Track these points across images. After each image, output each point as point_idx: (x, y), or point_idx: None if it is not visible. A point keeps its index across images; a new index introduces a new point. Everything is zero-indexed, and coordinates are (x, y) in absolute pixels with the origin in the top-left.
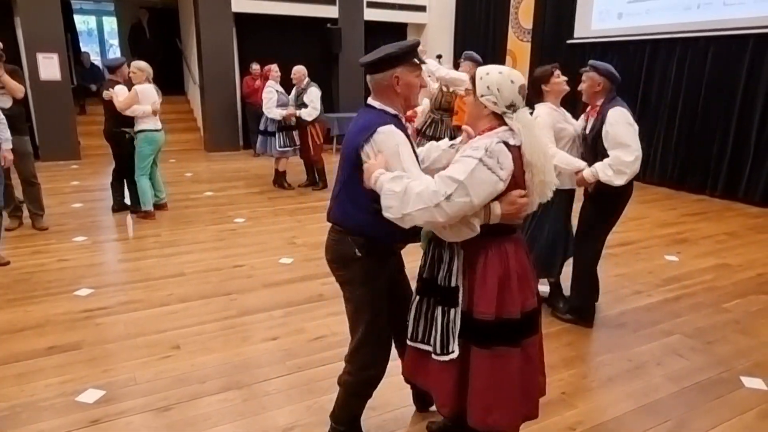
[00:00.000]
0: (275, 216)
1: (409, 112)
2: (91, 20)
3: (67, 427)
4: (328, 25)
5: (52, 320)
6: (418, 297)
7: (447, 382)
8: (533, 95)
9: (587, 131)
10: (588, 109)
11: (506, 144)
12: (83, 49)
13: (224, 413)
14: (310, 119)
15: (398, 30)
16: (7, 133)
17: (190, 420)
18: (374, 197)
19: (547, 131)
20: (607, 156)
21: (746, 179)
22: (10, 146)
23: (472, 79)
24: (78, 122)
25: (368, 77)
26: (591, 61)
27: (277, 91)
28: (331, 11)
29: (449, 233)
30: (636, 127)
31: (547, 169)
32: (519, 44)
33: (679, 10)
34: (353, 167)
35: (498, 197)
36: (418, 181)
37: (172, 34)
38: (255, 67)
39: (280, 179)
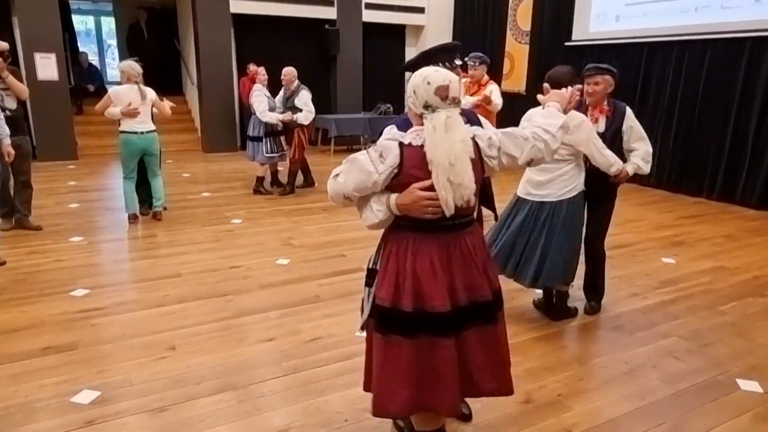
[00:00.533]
0: (272, 217)
1: None
2: (90, 20)
3: (62, 427)
4: (326, 26)
5: (47, 320)
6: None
7: (369, 355)
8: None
9: (604, 130)
10: (591, 110)
11: (402, 143)
12: (81, 49)
13: (220, 414)
14: (307, 123)
15: (396, 32)
16: (6, 129)
17: (185, 421)
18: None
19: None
20: (620, 151)
21: (743, 182)
22: (9, 141)
23: None
24: (75, 122)
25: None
26: (598, 65)
27: (265, 95)
28: (329, 12)
29: (362, 215)
30: None
31: (458, 171)
32: (517, 46)
33: (676, 13)
34: None
35: (401, 190)
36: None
37: (170, 34)
38: (252, 68)
39: (259, 185)
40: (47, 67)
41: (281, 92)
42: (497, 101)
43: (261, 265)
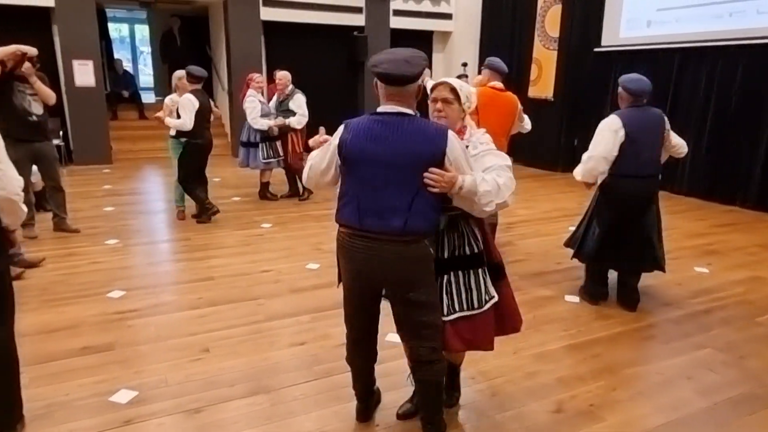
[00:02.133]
0: (301, 222)
1: None
2: (124, 28)
3: (101, 426)
4: (355, 32)
5: (85, 321)
6: (446, 276)
7: (490, 323)
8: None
9: None
10: None
11: None
12: (116, 56)
13: (252, 417)
14: (300, 127)
15: (424, 38)
16: None
17: (219, 423)
18: (444, 197)
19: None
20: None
21: None
22: None
23: (454, 91)
24: (110, 127)
25: (400, 88)
26: (621, 77)
27: (260, 101)
28: (358, 19)
29: (481, 209)
30: (621, 133)
31: None
32: (545, 52)
33: (710, 19)
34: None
35: None
36: (489, 175)
37: (202, 41)
38: (277, 74)
39: (264, 191)
40: (85, 73)
41: (275, 97)
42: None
43: (291, 269)
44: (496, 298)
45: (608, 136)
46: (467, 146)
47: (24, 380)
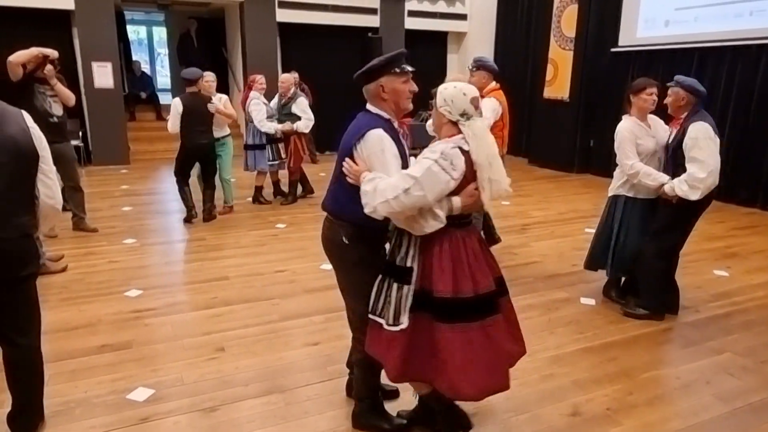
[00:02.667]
0: (316, 222)
1: None
2: (142, 30)
3: (119, 423)
4: (369, 34)
5: (103, 320)
6: (380, 276)
7: (395, 349)
8: (626, 102)
9: (670, 143)
10: (672, 121)
11: (461, 149)
12: (134, 58)
13: (267, 416)
14: (308, 131)
15: (439, 39)
16: None
17: (233, 422)
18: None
19: (628, 145)
20: (685, 168)
21: None
22: None
23: (434, 93)
24: (128, 128)
25: (363, 88)
26: (677, 77)
27: (263, 103)
28: (373, 20)
29: (419, 227)
30: (717, 141)
31: (494, 169)
32: (561, 53)
33: (729, 18)
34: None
35: (457, 192)
36: (385, 179)
37: (218, 43)
38: (294, 75)
39: (258, 195)
40: (103, 75)
41: (275, 99)
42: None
43: (305, 269)
44: (403, 326)
45: (712, 145)
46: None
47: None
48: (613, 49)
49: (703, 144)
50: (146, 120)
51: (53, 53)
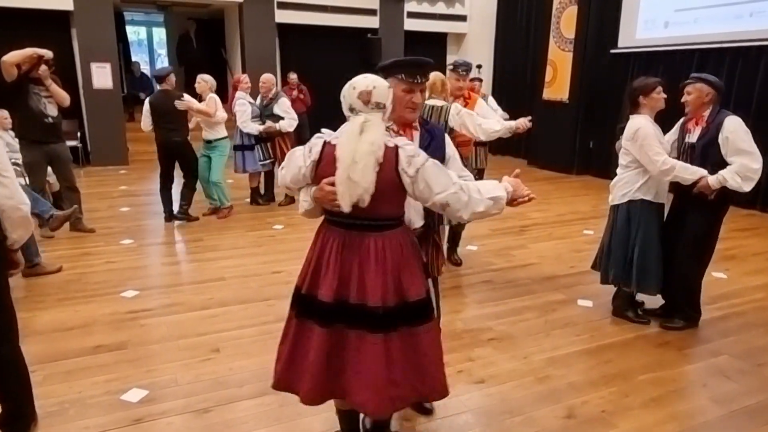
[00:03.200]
0: (313, 224)
1: None
2: (142, 31)
3: (112, 424)
4: (369, 35)
5: (99, 320)
6: None
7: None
8: (630, 105)
9: (696, 140)
10: (685, 120)
11: (326, 141)
12: (134, 58)
13: (261, 417)
14: (291, 130)
15: (438, 40)
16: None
17: (228, 423)
18: None
19: (653, 142)
20: (720, 164)
21: None
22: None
23: None
24: (127, 129)
25: None
26: (696, 74)
27: (249, 102)
28: (372, 21)
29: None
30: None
31: (358, 169)
32: (560, 54)
33: (729, 19)
34: None
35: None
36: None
37: (217, 44)
38: (292, 76)
39: (255, 196)
40: (102, 76)
41: (258, 100)
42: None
43: None
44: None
45: (750, 138)
46: None
47: (38, 378)
48: (612, 51)
49: (746, 137)
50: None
51: (48, 53)
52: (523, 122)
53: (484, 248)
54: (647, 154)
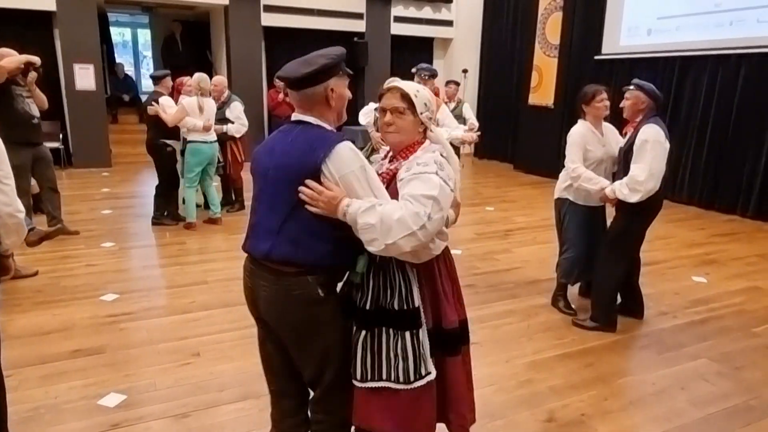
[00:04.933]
0: None
1: None
2: (127, 32)
3: (89, 430)
4: (355, 38)
5: (78, 324)
6: (364, 332)
7: (427, 403)
8: (577, 111)
9: (623, 145)
10: (623, 126)
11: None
12: (118, 60)
13: (240, 422)
14: (239, 135)
15: (425, 45)
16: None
17: (207, 428)
18: (336, 223)
19: (576, 149)
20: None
21: None
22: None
23: (406, 97)
24: (110, 131)
25: (297, 92)
26: (635, 80)
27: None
28: (359, 25)
29: (427, 252)
30: (667, 147)
31: (457, 181)
32: (546, 59)
33: (710, 27)
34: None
35: None
36: (390, 205)
37: (203, 46)
38: (277, 82)
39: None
40: (85, 77)
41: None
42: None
43: None
44: (431, 376)
45: (660, 150)
46: (402, 167)
47: (13, 383)
48: (596, 57)
49: (651, 147)
50: (129, 123)
51: (37, 60)
52: (470, 136)
53: (468, 252)
54: (567, 158)
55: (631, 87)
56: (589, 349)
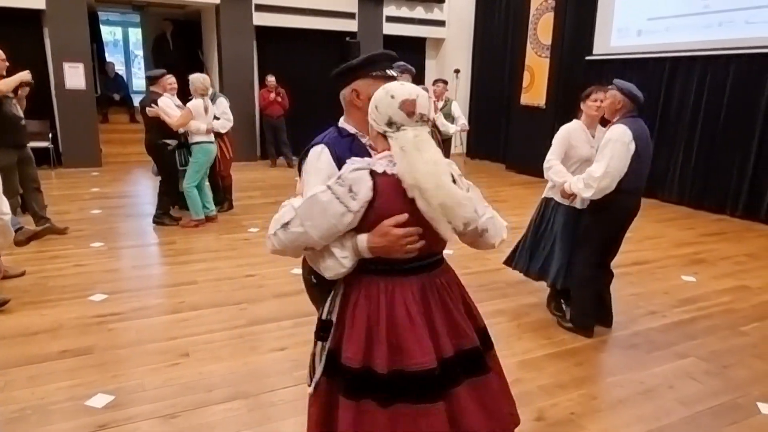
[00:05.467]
0: None
1: None
2: (118, 31)
3: (76, 431)
4: (348, 38)
5: (65, 324)
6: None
7: (310, 417)
8: (576, 110)
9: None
10: (608, 125)
11: (374, 172)
12: (109, 59)
13: (229, 422)
14: (224, 131)
15: (417, 45)
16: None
17: (195, 428)
18: None
19: (558, 144)
20: None
21: None
22: None
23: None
24: (100, 130)
25: (340, 94)
26: (616, 81)
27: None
28: (351, 25)
29: (322, 266)
30: (632, 148)
31: (446, 191)
32: (537, 60)
33: (699, 28)
34: None
35: (371, 227)
36: (284, 208)
37: (194, 45)
38: (270, 79)
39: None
40: (75, 76)
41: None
42: None
43: (275, 274)
44: (310, 391)
45: (622, 149)
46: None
47: (0, 384)
48: (587, 57)
49: (613, 146)
50: (119, 122)
51: (30, 79)
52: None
53: (459, 252)
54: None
55: (611, 87)
56: (579, 348)
